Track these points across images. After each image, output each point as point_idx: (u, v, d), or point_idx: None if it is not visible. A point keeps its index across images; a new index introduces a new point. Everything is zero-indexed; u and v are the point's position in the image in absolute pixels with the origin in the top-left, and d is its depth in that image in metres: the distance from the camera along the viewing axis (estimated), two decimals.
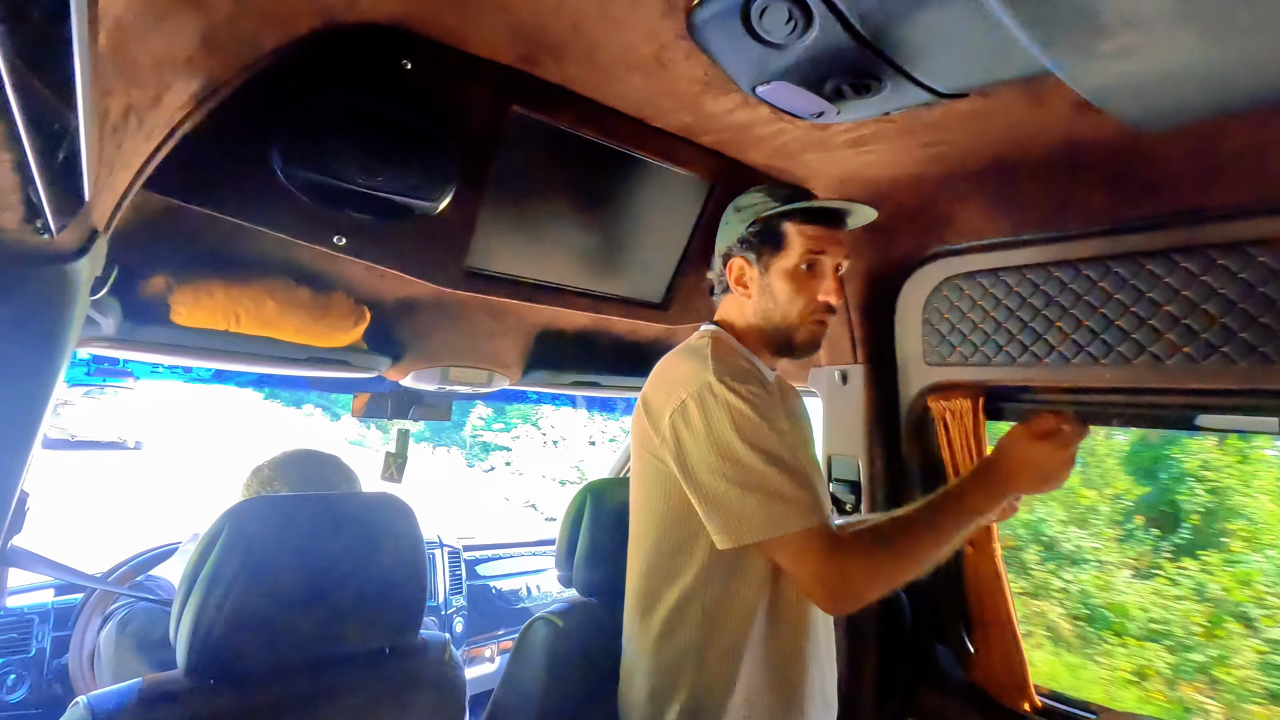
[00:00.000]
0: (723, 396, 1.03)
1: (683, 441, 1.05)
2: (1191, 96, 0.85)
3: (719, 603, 1.08)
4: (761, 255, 1.18)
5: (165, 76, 0.74)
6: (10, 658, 1.70)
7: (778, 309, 1.17)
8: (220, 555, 0.91)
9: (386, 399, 1.99)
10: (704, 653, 1.07)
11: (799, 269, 1.15)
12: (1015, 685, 1.63)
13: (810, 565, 0.99)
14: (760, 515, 0.99)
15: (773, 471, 1.00)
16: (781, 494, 0.99)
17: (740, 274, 1.21)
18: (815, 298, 1.16)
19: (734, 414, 1.02)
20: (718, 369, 1.06)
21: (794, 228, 1.16)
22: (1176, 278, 1.29)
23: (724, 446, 1.01)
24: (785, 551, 1.01)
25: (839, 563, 0.98)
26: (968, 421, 1.67)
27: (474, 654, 2.60)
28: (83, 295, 0.77)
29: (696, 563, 1.09)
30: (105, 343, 1.20)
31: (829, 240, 1.16)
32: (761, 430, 1.02)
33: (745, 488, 1.00)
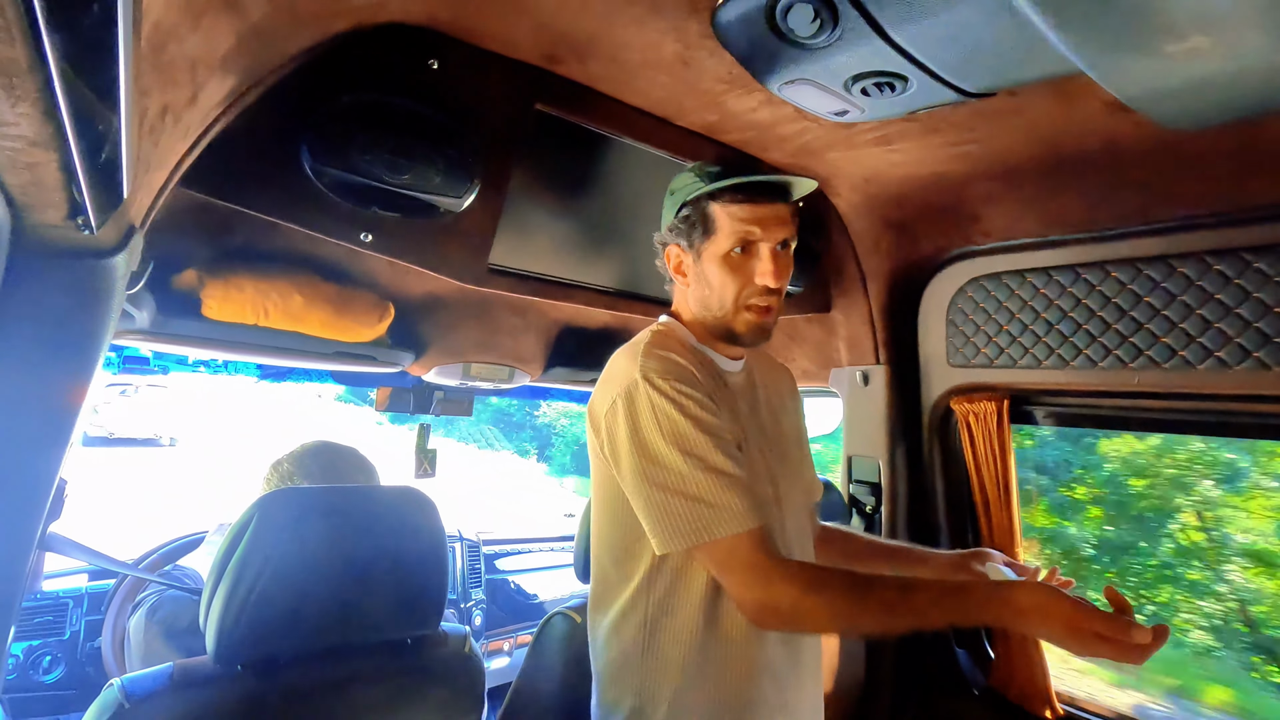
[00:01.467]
0: (646, 395, 0.97)
1: (615, 442, 1.00)
2: (1228, 97, 0.83)
3: (661, 609, 1.03)
4: (693, 241, 1.07)
5: (200, 77, 0.75)
6: (46, 639, 1.75)
7: (713, 296, 1.07)
8: (249, 545, 0.93)
9: (409, 394, 2.01)
10: (646, 659, 1.03)
11: (731, 253, 1.05)
12: (1037, 692, 1.61)
13: (735, 573, 0.93)
14: (686, 520, 0.93)
15: (697, 475, 0.94)
16: (705, 499, 0.93)
17: (678, 262, 1.12)
18: (750, 281, 1.05)
19: (657, 414, 0.96)
20: (645, 365, 0.99)
21: (721, 209, 1.04)
22: (1209, 280, 1.27)
23: (648, 448, 0.96)
24: (712, 558, 0.95)
25: (770, 577, 0.91)
26: (991, 424, 1.65)
27: (492, 648, 2.63)
28: (120, 289, 0.79)
29: (641, 568, 1.04)
30: (139, 335, 1.23)
31: (762, 219, 1.03)
32: (684, 430, 0.95)
33: (669, 491, 0.95)
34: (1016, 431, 1.66)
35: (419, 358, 1.68)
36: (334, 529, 1.01)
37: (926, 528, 1.83)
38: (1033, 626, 0.85)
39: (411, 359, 1.67)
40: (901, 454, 1.83)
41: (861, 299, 1.83)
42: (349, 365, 1.59)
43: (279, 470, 1.40)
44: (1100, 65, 0.79)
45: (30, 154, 0.43)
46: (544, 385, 2.05)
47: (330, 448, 1.46)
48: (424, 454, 2.16)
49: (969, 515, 1.78)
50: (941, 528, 1.81)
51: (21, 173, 0.46)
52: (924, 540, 1.83)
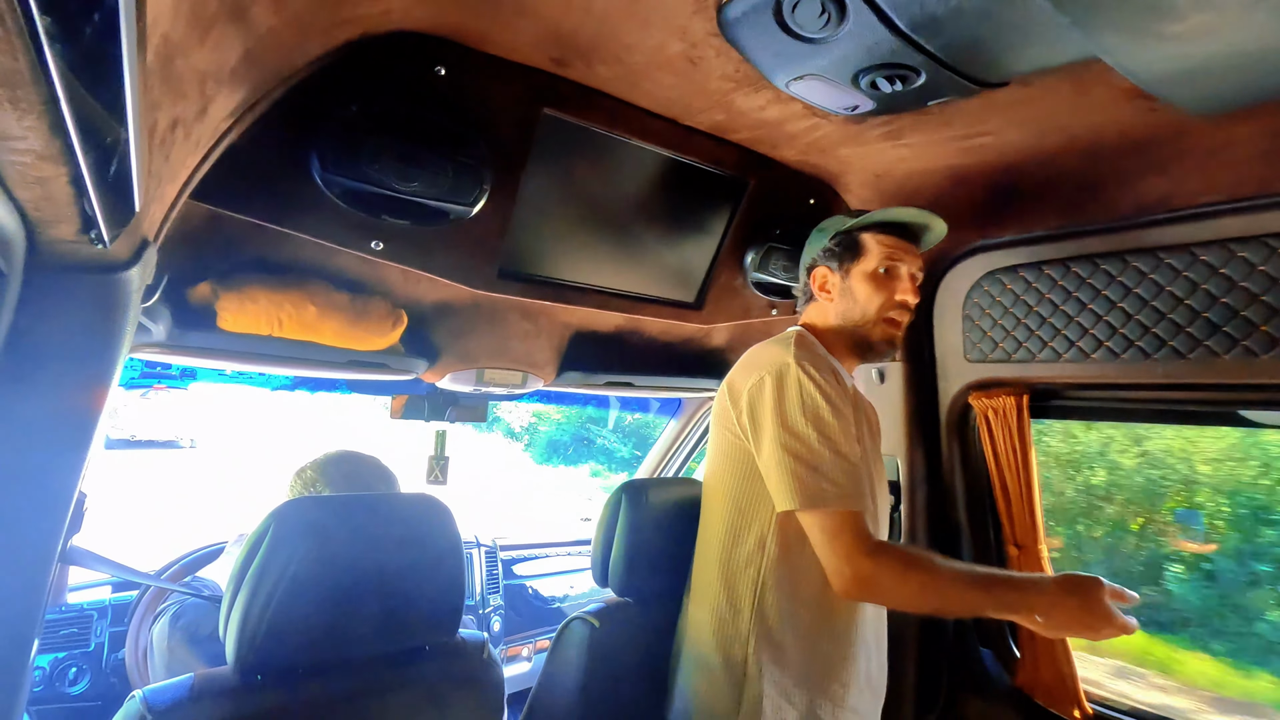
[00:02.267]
0: (796, 376, 1.14)
1: (755, 412, 1.17)
2: (1248, 80, 0.81)
3: (775, 571, 1.16)
4: (843, 263, 1.30)
5: (209, 89, 0.76)
6: (72, 651, 1.77)
7: (857, 307, 1.28)
8: (265, 555, 0.93)
9: (424, 401, 2.02)
10: (757, 615, 1.16)
11: (877, 272, 1.27)
12: (1064, 692, 1.58)
13: (843, 545, 1.07)
14: (806, 486, 1.09)
15: (825, 452, 1.10)
16: (827, 474, 1.09)
17: (824, 281, 1.33)
18: (892, 297, 1.26)
19: (804, 393, 1.12)
20: (798, 354, 1.16)
21: (872, 238, 1.28)
22: (1234, 268, 1.24)
23: (789, 419, 1.12)
24: (820, 526, 1.09)
25: (873, 553, 1.06)
26: (1011, 420, 1.62)
27: (511, 653, 2.62)
28: (135, 302, 0.79)
29: (757, 530, 1.18)
30: (156, 348, 1.24)
31: (904, 249, 1.28)
32: (824, 413, 1.12)
33: (798, 459, 1.10)
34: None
35: (433, 365, 1.69)
36: (350, 538, 1.01)
37: (947, 526, 1.81)
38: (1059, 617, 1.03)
39: (425, 366, 1.67)
40: (920, 452, 1.81)
41: None
42: (363, 374, 1.60)
43: (302, 478, 1.41)
44: (1111, 48, 0.77)
45: (39, 168, 0.43)
46: (557, 390, 2.04)
47: (352, 456, 1.47)
48: (438, 461, 2.17)
49: (990, 512, 1.76)
50: (962, 525, 1.79)
51: (32, 187, 0.47)
52: (944, 538, 1.80)
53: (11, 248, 0.57)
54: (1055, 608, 1.03)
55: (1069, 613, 1.03)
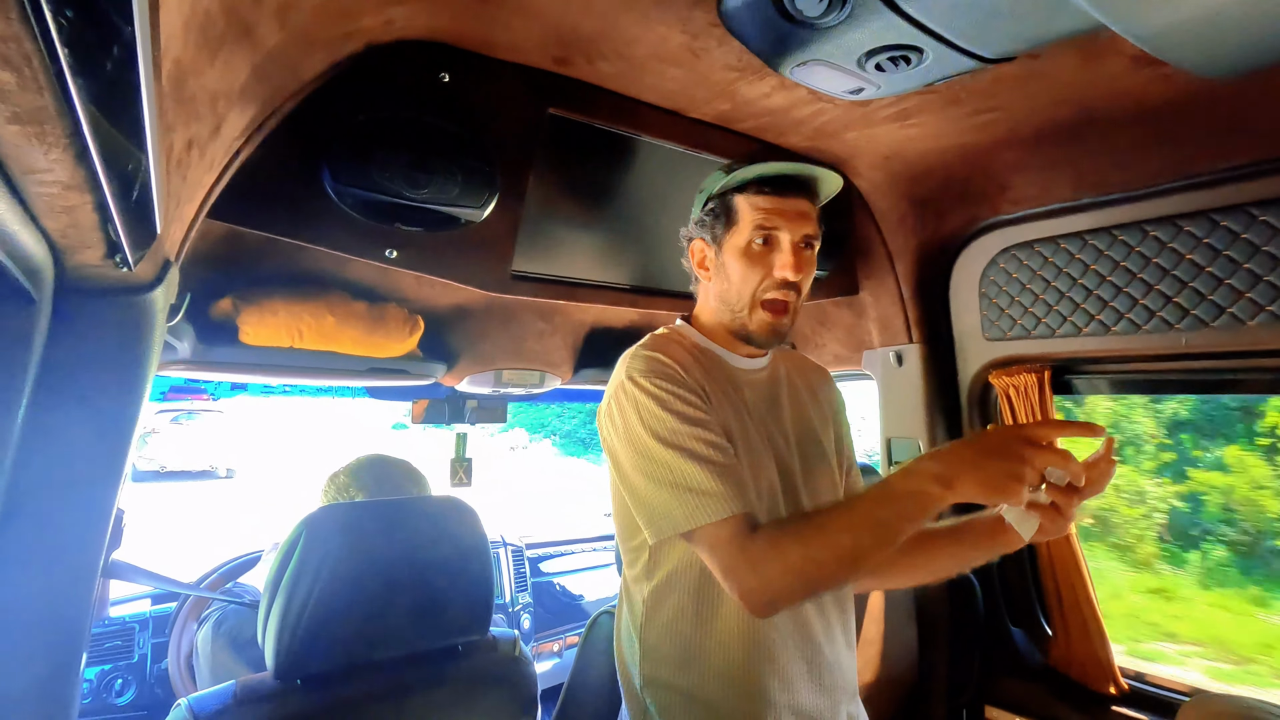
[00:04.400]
0: (631, 393, 1.00)
1: (610, 438, 1.04)
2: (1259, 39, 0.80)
3: (656, 598, 1.06)
4: (716, 233, 1.08)
5: (221, 109, 0.77)
6: (117, 663, 1.82)
7: (731, 288, 1.07)
8: (299, 562, 0.95)
9: (444, 404, 2.04)
10: (645, 646, 1.06)
11: (751, 245, 1.04)
12: (1098, 669, 1.57)
13: (721, 558, 0.93)
14: (675, 509, 0.95)
15: (682, 464, 0.95)
16: (693, 486, 0.94)
17: (700, 257, 1.12)
18: (769, 273, 1.04)
19: (640, 409, 0.99)
20: (631, 365, 1.02)
21: (745, 200, 1.04)
22: (1256, 232, 1.21)
23: (636, 441, 0.99)
24: (702, 545, 0.96)
25: (749, 554, 0.91)
26: (1033, 397, 1.60)
27: (542, 649, 2.65)
28: (160, 322, 0.81)
29: (641, 557, 1.07)
30: (182, 365, 1.27)
31: (784, 212, 1.03)
32: (668, 424, 0.97)
33: (658, 482, 0.97)
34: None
35: (451, 368, 1.70)
36: (380, 541, 1.03)
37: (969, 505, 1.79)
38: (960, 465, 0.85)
39: (444, 370, 1.69)
40: (941, 433, 1.80)
41: (890, 278, 1.80)
42: (383, 380, 1.62)
43: (335, 483, 1.44)
44: (1116, 13, 0.76)
45: (65, 197, 0.44)
46: (575, 388, 2.06)
47: (383, 460, 1.49)
48: (460, 463, 2.19)
49: None
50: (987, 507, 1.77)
51: (59, 216, 0.48)
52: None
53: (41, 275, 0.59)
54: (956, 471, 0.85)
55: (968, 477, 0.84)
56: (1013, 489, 0.83)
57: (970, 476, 0.84)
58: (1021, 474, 0.82)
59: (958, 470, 0.85)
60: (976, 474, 0.84)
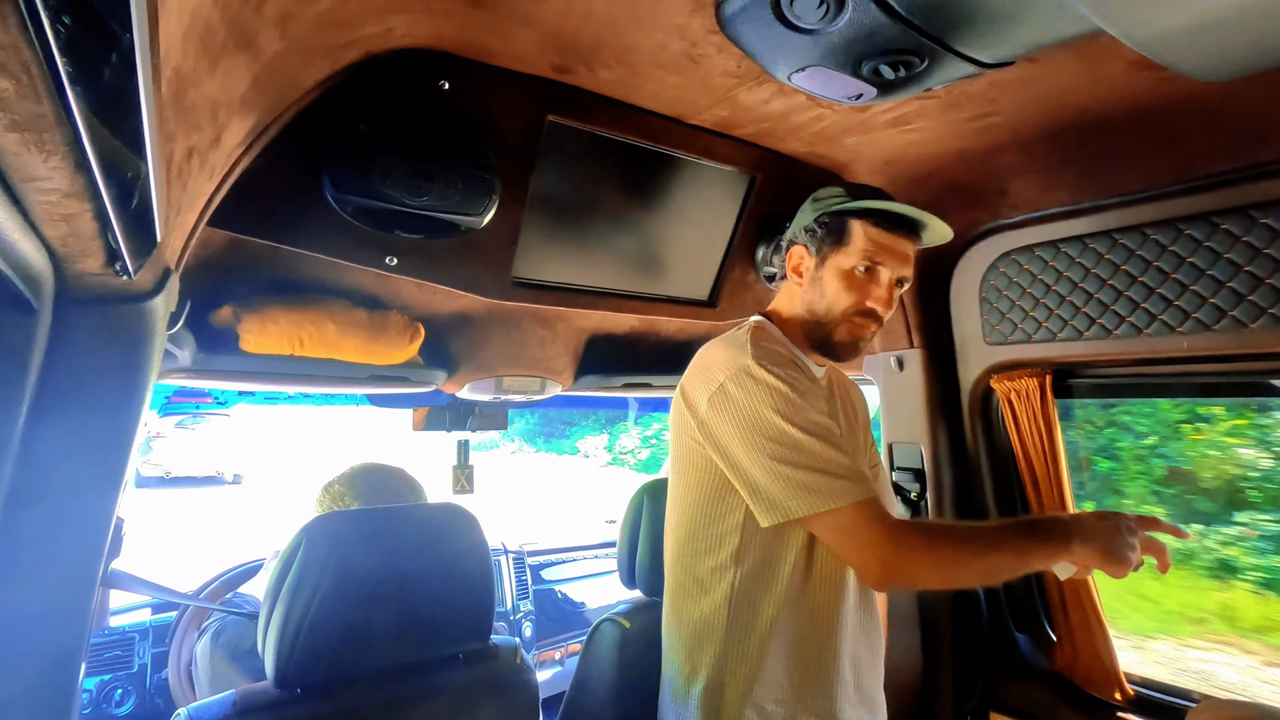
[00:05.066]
0: (761, 378, 1.03)
1: (722, 422, 1.05)
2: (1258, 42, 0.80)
3: (749, 583, 1.08)
4: (821, 248, 1.16)
5: (222, 118, 0.77)
6: (116, 674, 1.81)
7: (823, 302, 1.15)
8: (299, 571, 0.95)
9: (445, 411, 2.04)
10: (730, 632, 1.08)
11: (854, 270, 1.13)
12: (1105, 674, 1.56)
13: (865, 537, 0.98)
14: (811, 488, 0.98)
15: (820, 446, 1.00)
16: (830, 469, 0.99)
17: (798, 262, 1.20)
18: (863, 302, 1.12)
19: (774, 394, 1.02)
20: (755, 353, 1.06)
21: (861, 227, 1.13)
22: (1257, 234, 1.21)
23: (767, 425, 1.01)
24: (835, 525, 0.99)
25: (897, 536, 0.98)
26: (1035, 401, 1.60)
27: (543, 658, 2.64)
28: (161, 330, 0.81)
29: (729, 544, 1.09)
30: (182, 373, 1.27)
31: (893, 250, 1.13)
32: (801, 408, 1.02)
33: (791, 464, 1.00)
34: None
35: (452, 375, 1.70)
36: (380, 550, 1.02)
37: (974, 511, 1.79)
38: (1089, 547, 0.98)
39: (444, 377, 1.69)
40: (944, 438, 1.80)
41: None
42: (384, 388, 1.62)
43: (330, 492, 1.44)
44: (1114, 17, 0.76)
45: (65, 206, 0.44)
46: (576, 394, 2.05)
47: (378, 468, 1.49)
48: (462, 470, 2.19)
49: (1018, 495, 1.74)
50: (990, 510, 1.77)
51: (59, 224, 0.48)
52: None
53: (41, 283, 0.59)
54: (1087, 536, 0.98)
55: (1094, 546, 0.98)
56: (1122, 570, 0.99)
57: (1097, 548, 0.98)
58: (1133, 560, 0.99)
59: (1092, 540, 0.98)
60: (1103, 549, 0.98)
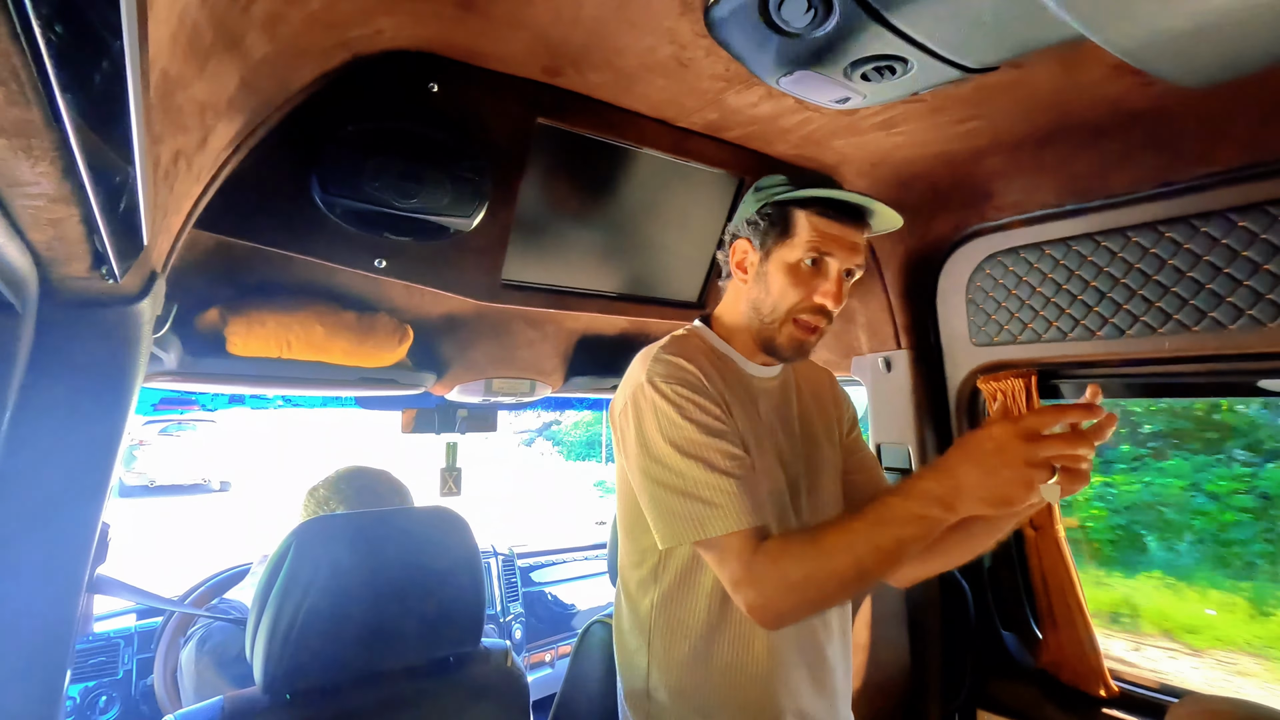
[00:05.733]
0: (650, 398, 0.99)
1: (625, 440, 1.04)
2: (1236, 48, 0.81)
3: (666, 602, 1.06)
4: (766, 240, 1.08)
5: (209, 120, 0.77)
6: (100, 680, 1.79)
7: (768, 299, 1.07)
8: (287, 575, 0.94)
9: (433, 413, 2.03)
10: (653, 651, 1.07)
11: (801, 263, 1.05)
12: (1088, 670, 1.58)
13: (730, 571, 0.93)
14: (681, 516, 0.95)
15: (696, 472, 0.95)
16: (706, 497, 0.94)
17: (742, 257, 1.12)
18: (811, 297, 1.05)
19: (659, 415, 0.98)
20: (651, 369, 1.01)
21: (806, 217, 1.04)
22: (1235, 238, 1.23)
23: (652, 447, 0.99)
24: (709, 555, 0.97)
25: (754, 569, 0.91)
26: (1021, 401, 1.62)
27: (534, 660, 2.64)
28: (146, 334, 0.81)
29: (650, 559, 1.07)
30: (168, 376, 1.26)
31: (841, 240, 1.04)
32: (684, 430, 0.97)
33: (671, 489, 0.96)
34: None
35: (440, 378, 1.70)
36: (370, 553, 1.02)
37: None
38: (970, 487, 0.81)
39: (433, 379, 1.68)
40: (931, 437, 1.81)
41: (877, 284, 1.81)
42: (373, 390, 1.61)
43: (315, 496, 1.42)
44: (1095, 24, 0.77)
45: (52, 210, 0.44)
46: (565, 396, 2.05)
47: (364, 472, 1.48)
48: (450, 472, 2.18)
49: None
50: None
51: (45, 229, 0.48)
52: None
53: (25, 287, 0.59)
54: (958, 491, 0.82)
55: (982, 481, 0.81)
56: (1022, 497, 0.80)
57: (974, 495, 0.81)
58: (1030, 479, 0.79)
59: (961, 491, 0.82)
60: (981, 491, 0.81)
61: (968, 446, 0.84)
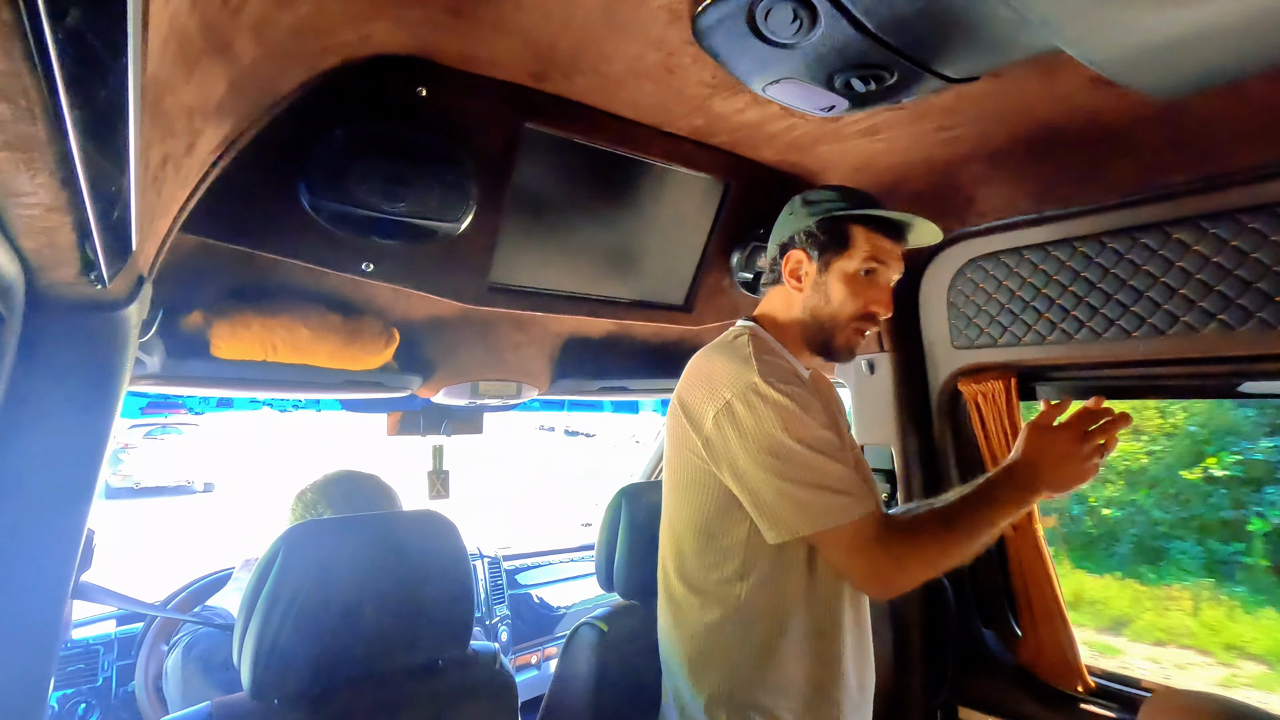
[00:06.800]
0: (770, 396, 1.04)
1: (729, 440, 1.06)
2: (1207, 61, 0.84)
3: (756, 595, 1.10)
4: (824, 252, 1.17)
5: (197, 124, 0.77)
6: (80, 687, 1.76)
7: (828, 308, 1.17)
8: (276, 579, 0.94)
9: (419, 416, 2.03)
10: (738, 644, 1.10)
11: (858, 274, 1.16)
12: (1066, 667, 1.61)
13: (864, 553, 1.03)
14: (815, 508, 1.02)
15: (824, 463, 1.03)
16: (834, 487, 1.02)
17: (797, 267, 1.20)
18: (867, 306, 1.16)
19: (782, 413, 1.04)
20: (762, 370, 1.07)
21: (862, 232, 1.16)
22: (1206, 244, 1.27)
23: (774, 444, 1.03)
24: (838, 542, 1.04)
25: (893, 550, 1.03)
26: (1001, 403, 1.65)
27: (520, 662, 2.63)
28: (133, 338, 0.80)
29: (735, 558, 1.10)
30: (151, 380, 1.25)
31: (892, 253, 1.17)
32: (809, 426, 1.05)
33: (798, 483, 1.02)
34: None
35: (427, 380, 1.69)
36: (359, 558, 1.02)
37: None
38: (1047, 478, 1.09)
39: (420, 382, 1.68)
40: (913, 439, 1.84)
41: None
42: (358, 393, 1.61)
43: (303, 500, 1.42)
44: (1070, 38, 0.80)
45: (46, 219, 0.44)
46: (552, 398, 2.05)
47: (351, 475, 1.47)
48: (438, 475, 2.17)
49: None
50: None
51: (38, 236, 0.48)
52: None
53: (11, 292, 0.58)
54: (1040, 480, 1.08)
55: (1055, 471, 1.08)
56: (1084, 480, 1.09)
57: (1053, 484, 1.09)
58: (1090, 469, 1.09)
59: (1043, 481, 1.08)
60: (1057, 482, 1.09)
61: (1042, 446, 1.11)
